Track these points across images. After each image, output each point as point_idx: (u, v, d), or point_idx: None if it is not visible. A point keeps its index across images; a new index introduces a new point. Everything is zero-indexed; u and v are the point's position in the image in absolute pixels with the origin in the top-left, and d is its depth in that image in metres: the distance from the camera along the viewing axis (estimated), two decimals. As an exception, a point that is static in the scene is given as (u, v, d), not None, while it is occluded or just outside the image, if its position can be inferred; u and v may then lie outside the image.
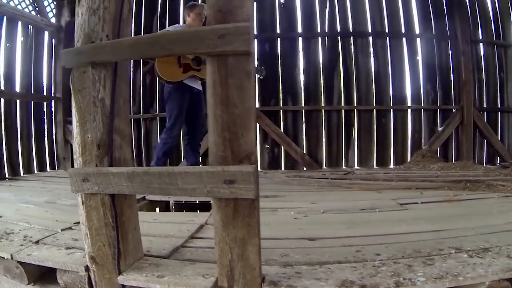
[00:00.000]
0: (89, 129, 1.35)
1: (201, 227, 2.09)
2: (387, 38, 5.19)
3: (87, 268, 1.49)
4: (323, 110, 5.21)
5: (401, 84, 5.26)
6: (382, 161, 5.25)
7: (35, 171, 5.38)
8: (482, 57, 5.30)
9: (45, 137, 5.68)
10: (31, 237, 1.97)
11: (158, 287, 1.30)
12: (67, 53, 1.40)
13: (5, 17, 4.93)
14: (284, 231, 1.99)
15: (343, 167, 5.17)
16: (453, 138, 5.27)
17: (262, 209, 1.47)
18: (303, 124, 5.22)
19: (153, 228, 2.01)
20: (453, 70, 5.24)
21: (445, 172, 4.19)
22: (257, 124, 5.14)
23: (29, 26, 5.34)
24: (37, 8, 5.52)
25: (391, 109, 5.24)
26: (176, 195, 1.17)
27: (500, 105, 5.37)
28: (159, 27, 5.41)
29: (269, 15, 5.22)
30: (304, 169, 5.08)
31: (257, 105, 5.17)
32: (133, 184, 1.22)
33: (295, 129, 5.17)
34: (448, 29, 5.20)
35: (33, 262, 1.69)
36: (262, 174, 4.51)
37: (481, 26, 5.27)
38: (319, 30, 5.21)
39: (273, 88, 5.20)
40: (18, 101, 5.20)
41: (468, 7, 5.17)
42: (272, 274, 1.37)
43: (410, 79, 5.26)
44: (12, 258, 1.72)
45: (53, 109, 5.80)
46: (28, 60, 5.36)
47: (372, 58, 5.21)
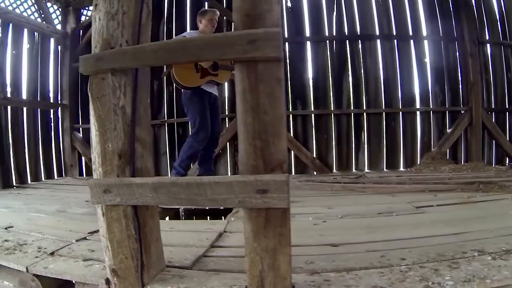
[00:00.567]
0: (110, 138, 1.32)
1: (220, 235, 2.05)
2: (395, 41, 5.17)
3: (108, 281, 1.46)
4: (333, 114, 5.19)
5: (410, 87, 5.23)
6: (392, 164, 5.21)
7: (43, 179, 5.37)
8: (489, 58, 5.26)
9: (52, 145, 5.67)
10: (46, 249, 1.94)
11: (185, 300, 1.26)
12: (85, 60, 1.37)
13: (11, 24, 4.94)
14: (305, 238, 1.95)
15: (353, 171, 5.13)
16: (462, 140, 5.23)
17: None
18: (313, 128, 5.19)
19: (171, 238, 1.98)
20: (461, 72, 5.20)
21: (457, 174, 4.15)
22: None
23: (35, 33, 5.35)
24: (43, 15, 5.52)
25: (400, 112, 5.21)
26: (205, 206, 1.13)
27: (508, 106, 5.33)
28: (166, 33, 5.40)
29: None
30: (315, 173, 5.04)
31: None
32: (159, 195, 1.19)
33: (305, 134, 5.14)
34: (455, 31, 5.17)
35: (50, 275, 1.66)
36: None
37: (488, 27, 5.24)
38: (327, 34, 5.19)
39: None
40: (25, 109, 5.19)
41: (475, 8, 5.14)
42: (301, 283, 1.35)
43: (418, 81, 5.24)
44: (28, 271, 1.69)
45: (60, 116, 5.79)
46: (35, 67, 5.37)
47: (380, 61, 5.18)
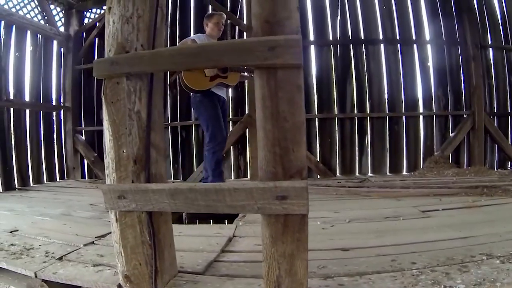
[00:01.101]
0: (124, 144, 1.30)
1: (230, 240, 2.05)
2: (398, 45, 5.18)
3: (120, 287, 1.44)
4: (336, 118, 5.19)
5: (413, 91, 5.24)
6: (395, 168, 5.21)
7: (45, 181, 5.35)
8: (492, 62, 5.27)
9: (55, 147, 5.66)
10: (53, 253, 1.92)
11: (201, 307, 1.25)
12: (100, 63, 1.36)
13: (14, 26, 4.94)
14: (316, 242, 1.94)
15: (357, 175, 5.12)
16: (465, 144, 5.23)
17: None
18: (317, 132, 5.19)
19: (181, 242, 1.96)
20: (464, 76, 5.21)
21: (461, 178, 4.16)
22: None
23: (38, 35, 5.36)
24: (46, 17, 5.52)
25: (403, 116, 5.22)
26: (224, 212, 1.12)
27: (511, 110, 5.34)
28: (170, 36, 5.40)
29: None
30: (318, 177, 5.03)
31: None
32: (176, 202, 1.18)
33: (309, 137, 5.12)
34: (458, 35, 5.18)
35: (60, 281, 1.63)
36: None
37: (490, 31, 5.25)
38: (331, 38, 5.20)
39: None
40: (28, 111, 5.18)
41: (477, 12, 5.15)
42: (316, 287, 1.35)
43: (421, 85, 5.24)
44: (36, 276, 1.67)
45: (62, 119, 5.78)
46: (37, 70, 5.36)
47: (384, 65, 5.19)
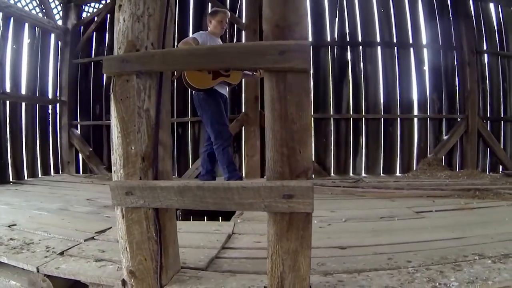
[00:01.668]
0: (133, 141, 1.33)
1: (229, 237, 2.09)
2: (395, 48, 5.25)
3: (124, 282, 1.45)
4: (332, 118, 5.24)
5: (408, 94, 5.32)
6: (389, 169, 5.28)
7: (39, 175, 5.32)
8: (487, 68, 5.37)
9: (50, 141, 5.63)
10: (54, 248, 1.93)
11: (205, 302, 1.28)
12: (109, 60, 1.37)
13: (12, 18, 4.90)
14: (314, 240, 1.94)
15: (351, 175, 5.19)
16: (458, 147, 5.32)
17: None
18: (312, 132, 5.23)
19: (181, 239, 1.96)
20: (459, 80, 5.31)
21: (454, 181, 4.23)
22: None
23: (36, 28, 5.32)
24: (44, 10, 5.48)
25: (398, 118, 5.29)
26: (231, 210, 1.15)
27: (504, 115, 5.45)
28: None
29: (279, 23, 5.23)
30: (313, 176, 5.08)
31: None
32: (184, 199, 1.21)
33: (304, 136, 5.17)
34: (454, 40, 5.27)
35: (63, 276, 1.65)
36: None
37: (486, 37, 5.35)
38: (329, 39, 5.24)
39: (283, 95, 5.20)
40: (24, 104, 5.14)
41: (474, 18, 5.25)
42: (316, 283, 1.39)
43: (417, 88, 5.32)
44: (39, 271, 1.68)
45: (58, 112, 5.75)
46: (34, 63, 5.33)
47: (380, 68, 5.25)
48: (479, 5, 5.29)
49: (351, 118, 5.28)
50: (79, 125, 5.85)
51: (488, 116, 5.41)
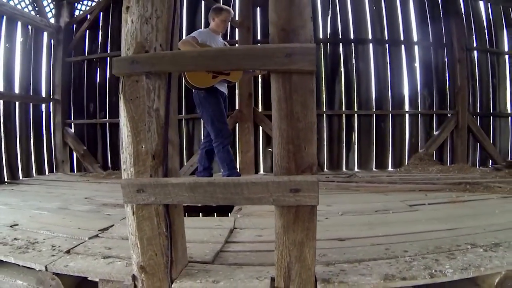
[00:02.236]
0: (143, 140, 1.36)
1: (231, 232, 2.14)
2: (387, 45, 5.35)
3: (134, 278, 1.49)
4: (325, 115, 5.32)
5: (400, 90, 5.43)
6: (381, 164, 5.40)
7: (34, 175, 5.30)
8: (476, 64, 5.51)
9: (44, 140, 5.60)
10: (60, 247, 1.92)
11: (217, 292, 1.34)
12: (119, 61, 1.39)
13: (5, 17, 4.85)
14: (314, 233, 2.06)
15: (344, 170, 5.28)
16: (448, 142, 5.46)
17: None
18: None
19: (186, 234, 2.04)
20: (449, 77, 5.44)
21: (445, 175, 4.35)
22: (260, 128, 5.20)
23: (29, 26, 5.27)
24: (37, 8, 5.45)
25: (390, 114, 5.40)
26: (241, 204, 1.21)
27: (493, 110, 5.60)
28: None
29: (273, 21, 5.28)
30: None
31: (260, 109, 5.23)
32: (195, 195, 1.26)
33: (298, 133, 5.25)
34: (445, 37, 5.39)
35: (72, 274, 1.65)
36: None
37: (476, 34, 5.49)
38: (321, 36, 5.31)
39: (276, 93, 5.26)
40: (17, 103, 5.11)
41: (464, 16, 5.37)
42: (320, 273, 1.46)
43: (408, 85, 5.44)
44: (47, 270, 1.67)
45: (52, 111, 5.72)
46: (27, 61, 5.29)
47: (372, 64, 5.35)
48: (469, 3, 5.42)
49: (344, 114, 5.37)
50: (73, 124, 5.84)
51: (478, 112, 5.55)
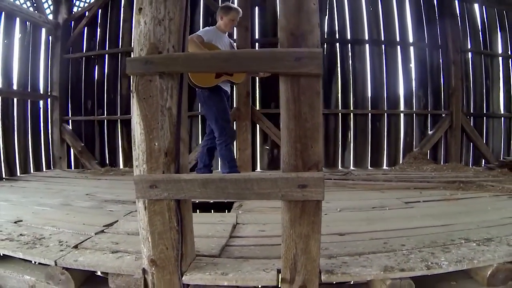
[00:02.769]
0: (156, 137, 1.42)
1: (234, 227, 2.21)
2: (383, 46, 5.44)
3: (145, 271, 1.54)
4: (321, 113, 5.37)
5: (395, 90, 5.52)
6: (376, 163, 5.50)
7: (32, 171, 5.29)
8: (471, 66, 5.63)
9: (41, 136, 5.60)
10: (67, 242, 1.94)
11: (226, 284, 1.41)
12: (133, 61, 1.44)
13: (3, 13, 4.84)
14: (315, 228, 2.13)
15: (340, 168, 5.37)
16: (442, 141, 5.58)
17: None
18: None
19: (192, 229, 2.10)
20: (443, 77, 5.54)
21: (439, 174, 4.45)
22: (258, 126, 5.26)
23: (27, 23, 5.26)
24: (35, 4, 5.43)
25: (385, 113, 5.49)
26: (251, 199, 1.28)
27: (486, 111, 5.73)
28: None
29: (271, 21, 5.34)
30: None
31: (258, 108, 5.29)
32: (207, 190, 1.32)
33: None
34: (440, 39, 5.49)
35: (82, 268, 1.69)
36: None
37: (470, 37, 5.60)
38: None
39: (274, 92, 5.32)
40: (15, 100, 5.10)
41: (459, 18, 5.47)
42: (323, 265, 1.54)
43: (403, 85, 5.54)
44: (57, 265, 1.70)
45: (49, 108, 5.71)
46: (26, 58, 5.28)
47: (368, 65, 5.43)
48: (464, 6, 5.53)
49: (340, 113, 5.45)
50: (71, 121, 5.83)
51: (472, 112, 5.66)
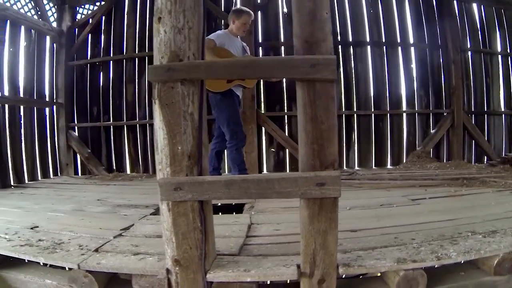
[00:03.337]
0: (179, 141, 1.47)
1: (249, 227, 2.27)
2: (384, 47, 5.53)
3: (168, 271, 1.59)
4: (326, 115, 5.45)
5: (397, 90, 5.61)
6: (380, 162, 5.57)
7: (39, 178, 5.32)
8: (470, 65, 5.71)
9: (48, 143, 5.64)
10: (87, 246, 1.97)
11: (249, 279, 1.47)
12: (155, 69, 1.49)
13: (9, 21, 4.89)
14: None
15: (344, 168, 5.42)
16: (445, 140, 5.65)
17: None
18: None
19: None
20: (444, 77, 5.63)
21: (443, 171, 4.51)
22: (263, 129, 5.33)
23: (32, 31, 5.31)
24: (39, 12, 5.48)
25: (388, 114, 5.57)
26: (272, 198, 1.34)
27: (487, 108, 5.80)
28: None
29: (273, 24, 5.43)
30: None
31: (263, 111, 5.36)
32: (230, 191, 1.38)
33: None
34: (440, 39, 5.57)
35: (106, 270, 1.72)
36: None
37: (470, 36, 5.68)
38: (321, 39, 5.45)
39: (278, 95, 5.43)
40: (22, 107, 5.16)
41: (458, 18, 5.56)
42: (340, 259, 1.60)
43: (405, 85, 5.62)
44: (80, 268, 1.73)
45: (55, 115, 5.77)
46: (31, 65, 5.33)
47: (370, 66, 5.52)
48: (463, 5, 5.62)
49: (344, 115, 5.52)
50: (77, 127, 5.88)
51: (473, 110, 5.74)
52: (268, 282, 1.71)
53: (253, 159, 5.13)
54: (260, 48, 5.39)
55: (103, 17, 5.79)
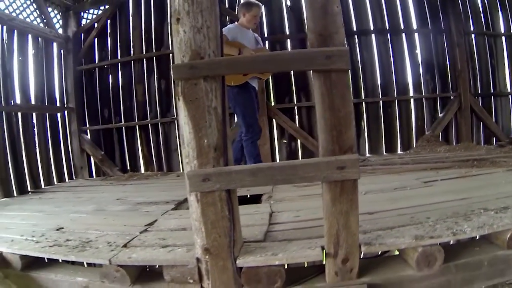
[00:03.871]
0: (205, 135, 1.54)
1: (271, 215, 2.35)
2: (388, 34, 5.55)
3: (198, 260, 1.66)
4: (334, 104, 5.50)
5: (403, 76, 5.63)
6: (390, 148, 5.61)
7: (55, 182, 5.42)
8: (475, 47, 5.69)
9: (61, 148, 5.75)
10: (115, 242, 2.01)
11: (277, 263, 1.55)
12: (179, 67, 1.56)
13: (16, 31, 4.99)
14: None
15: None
16: (453, 123, 5.67)
17: (317, 195, 1.74)
18: (317, 118, 5.50)
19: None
20: (449, 61, 5.63)
21: (453, 154, 4.56)
22: (274, 121, 5.40)
23: (39, 39, 5.40)
24: (45, 20, 5.57)
25: (396, 100, 5.60)
26: (296, 183, 1.42)
27: (493, 90, 5.80)
28: (170, 34, 5.55)
29: (278, 17, 5.47)
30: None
31: (273, 104, 5.43)
32: (257, 178, 1.46)
33: (310, 123, 5.47)
34: (443, 23, 5.57)
35: (137, 264, 1.79)
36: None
37: (472, 19, 5.66)
38: (326, 30, 5.49)
39: (287, 87, 5.48)
40: (34, 114, 5.26)
41: (460, 1, 5.55)
42: (361, 239, 1.68)
43: (411, 71, 5.64)
44: (111, 263, 1.77)
45: (67, 119, 5.87)
46: (40, 72, 5.43)
47: (376, 54, 5.55)
48: (465, -12, 5.60)
49: (352, 103, 5.54)
50: (89, 130, 5.98)
51: (479, 92, 5.74)
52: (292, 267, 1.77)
53: (266, 151, 5.21)
54: (266, 42, 5.43)
55: (108, 21, 5.87)
